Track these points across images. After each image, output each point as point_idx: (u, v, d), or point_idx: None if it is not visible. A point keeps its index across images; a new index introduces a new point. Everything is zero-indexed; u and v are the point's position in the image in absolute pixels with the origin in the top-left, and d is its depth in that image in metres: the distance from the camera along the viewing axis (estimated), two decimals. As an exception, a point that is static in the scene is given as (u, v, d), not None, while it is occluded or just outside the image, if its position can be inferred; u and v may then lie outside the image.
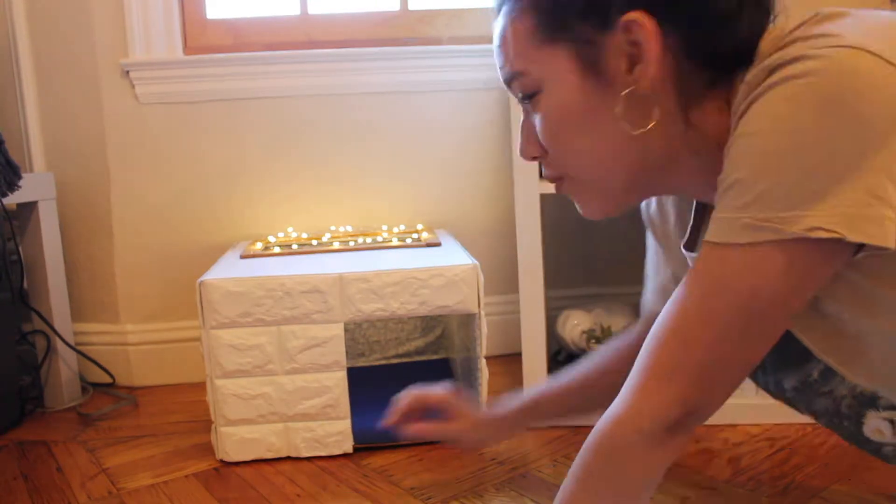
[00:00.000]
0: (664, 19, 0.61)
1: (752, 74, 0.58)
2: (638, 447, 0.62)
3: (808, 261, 0.55)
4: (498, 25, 0.70)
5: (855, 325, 0.62)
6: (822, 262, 0.56)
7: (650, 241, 0.96)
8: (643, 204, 0.92)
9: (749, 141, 0.56)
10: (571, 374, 1.01)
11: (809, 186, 0.53)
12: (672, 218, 0.86)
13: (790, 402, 0.76)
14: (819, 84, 0.53)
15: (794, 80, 0.54)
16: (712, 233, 0.59)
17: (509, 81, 0.70)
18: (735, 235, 0.56)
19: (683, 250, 0.78)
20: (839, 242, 0.53)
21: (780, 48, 0.58)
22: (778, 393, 0.75)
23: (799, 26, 0.60)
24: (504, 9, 0.69)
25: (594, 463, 0.65)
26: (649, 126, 0.64)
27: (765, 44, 0.62)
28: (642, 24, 0.61)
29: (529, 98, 0.69)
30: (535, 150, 0.71)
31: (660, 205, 0.89)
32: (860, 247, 0.56)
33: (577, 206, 0.74)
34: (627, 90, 0.63)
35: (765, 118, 0.55)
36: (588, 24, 0.63)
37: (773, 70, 0.56)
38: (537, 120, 0.69)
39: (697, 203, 0.78)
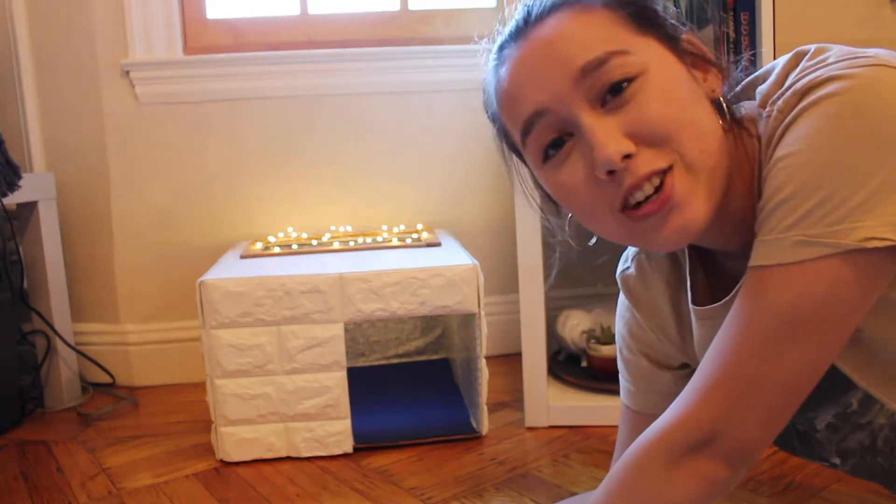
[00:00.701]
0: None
1: (783, 102, 0.59)
2: (661, 460, 0.61)
3: (862, 272, 0.55)
4: (564, 18, 0.63)
5: (892, 347, 0.61)
6: (874, 273, 0.55)
7: (624, 354, 0.91)
8: (630, 281, 0.88)
9: (791, 161, 0.56)
10: None
11: (857, 198, 0.53)
12: (661, 284, 0.83)
13: (816, 446, 0.74)
14: (854, 99, 0.54)
15: (830, 99, 0.55)
16: (759, 257, 0.58)
17: (602, 61, 0.60)
18: (785, 255, 0.56)
19: (691, 305, 0.77)
20: (890, 252, 0.53)
21: (799, 78, 0.59)
22: (804, 435, 0.74)
23: (800, 58, 0.62)
24: (573, 3, 0.64)
25: (623, 469, 0.64)
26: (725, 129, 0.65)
27: (767, 82, 0.64)
28: (700, 42, 0.65)
29: (624, 84, 0.60)
30: (629, 144, 0.59)
31: (644, 272, 0.86)
32: None
33: (655, 237, 0.63)
34: (710, 91, 0.65)
35: (805, 137, 0.55)
36: (668, 27, 0.64)
37: (805, 93, 0.57)
38: (639, 102, 0.60)
39: (692, 261, 0.77)
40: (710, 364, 0.61)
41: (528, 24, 0.64)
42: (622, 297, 0.89)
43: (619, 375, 0.91)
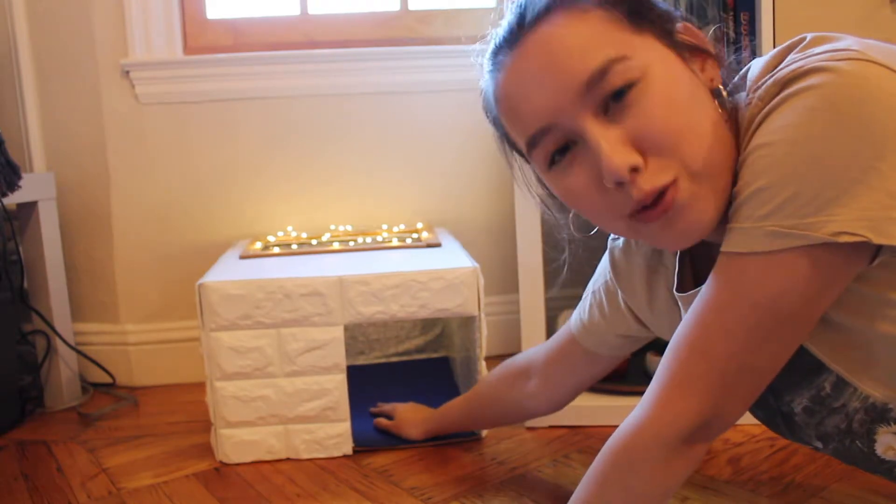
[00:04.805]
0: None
1: (764, 90, 0.59)
2: (658, 457, 0.62)
3: (831, 265, 0.56)
4: (559, 23, 0.62)
5: (864, 335, 0.62)
6: (844, 265, 0.57)
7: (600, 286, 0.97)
8: (616, 252, 0.93)
9: (768, 150, 0.57)
10: (478, 385, 1.15)
11: (831, 191, 0.53)
12: (641, 270, 0.87)
13: (798, 429, 0.75)
14: (834, 93, 0.54)
15: (810, 91, 0.55)
16: (732, 244, 0.59)
17: (604, 71, 0.60)
18: (758, 244, 0.57)
19: (676, 293, 0.78)
20: (862, 245, 0.54)
21: (783, 67, 0.59)
22: (787, 417, 0.75)
23: (791, 49, 0.62)
24: (568, 4, 0.62)
25: (612, 472, 0.65)
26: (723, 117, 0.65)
27: (756, 70, 0.64)
28: (695, 29, 0.66)
29: (626, 90, 0.60)
30: (636, 156, 0.60)
31: (629, 248, 0.90)
32: (877, 250, 0.57)
33: (663, 239, 0.65)
34: (709, 81, 0.65)
35: (783, 128, 0.56)
36: (663, 19, 0.64)
37: (786, 83, 0.58)
38: (642, 109, 0.60)
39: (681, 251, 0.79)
40: (695, 353, 0.62)
41: (522, 28, 0.64)
42: (606, 262, 0.95)
43: (578, 308, 0.99)
